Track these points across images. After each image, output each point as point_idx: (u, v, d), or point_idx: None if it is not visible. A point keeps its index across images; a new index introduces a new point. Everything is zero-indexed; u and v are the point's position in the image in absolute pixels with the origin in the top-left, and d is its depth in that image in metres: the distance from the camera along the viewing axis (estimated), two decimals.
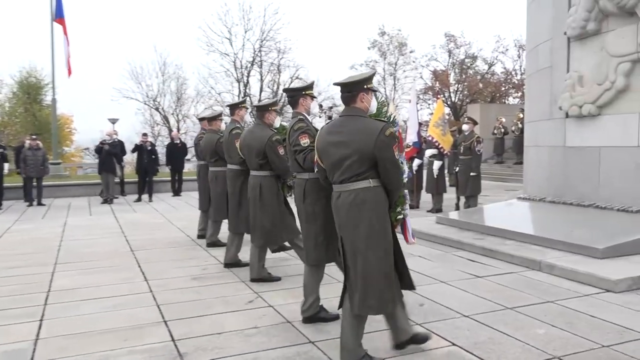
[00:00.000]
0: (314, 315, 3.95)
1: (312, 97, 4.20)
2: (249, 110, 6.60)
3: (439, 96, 32.32)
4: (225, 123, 6.94)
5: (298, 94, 4.14)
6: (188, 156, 18.08)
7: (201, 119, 8.41)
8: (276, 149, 4.80)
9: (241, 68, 36.83)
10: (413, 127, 10.57)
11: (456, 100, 34.83)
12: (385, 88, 39.05)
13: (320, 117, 35.68)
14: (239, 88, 37.19)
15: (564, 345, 3.46)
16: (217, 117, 7.21)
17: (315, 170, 3.44)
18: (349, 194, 3.02)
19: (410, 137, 10.53)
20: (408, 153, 10.28)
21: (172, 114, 38.47)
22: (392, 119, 3.30)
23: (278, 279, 5.23)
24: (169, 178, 15.11)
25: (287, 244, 5.65)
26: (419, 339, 3.41)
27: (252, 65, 37.06)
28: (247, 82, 37.27)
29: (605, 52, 6.88)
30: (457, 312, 4.16)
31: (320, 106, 34.78)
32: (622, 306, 4.27)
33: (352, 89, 3.10)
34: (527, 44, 9.38)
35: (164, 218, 10.22)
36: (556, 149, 7.84)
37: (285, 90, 4.41)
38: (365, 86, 3.12)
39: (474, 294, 4.65)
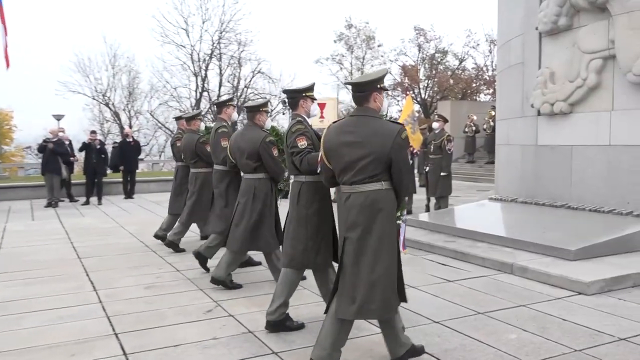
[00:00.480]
0: (279, 321, 3.98)
1: (313, 99, 4.31)
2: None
3: (408, 92, 32.69)
4: (205, 123, 6.98)
5: (298, 96, 4.25)
6: (141, 155, 17.79)
7: (178, 118, 8.51)
8: (270, 151, 4.85)
9: (199, 61, 36.47)
10: None
11: (426, 97, 35.36)
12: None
13: (284, 113, 35.68)
14: (197, 82, 36.84)
15: (536, 350, 3.55)
16: (195, 117, 7.24)
17: (318, 170, 3.51)
18: (360, 196, 3.10)
19: None
20: None
21: (124, 109, 37.78)
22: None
23: (239, 286, 5.22)
24: (121, 179, 14.82)
25: (253, 260, 5.90)
26: (417, 351, 3.45)
27: (211, 58, 36.75)
28: (205, 76, 36.94)
29: (576, 48, 7.10)
30: (427, 318, 4.22)
31: (284, 102, 34.77)
32: (594, 309, 4.42)
33: (365, 89, 3.19)
34: (498, 39, 9.61)
35: (114, 222, 10.03)
36: (528, 148, 8.05)
37: (284, 91, 4.53)
38: (378, 85, 3.22)
39: (444, 298, 4.73)
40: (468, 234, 6.99)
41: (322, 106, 13.52)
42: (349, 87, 3.22)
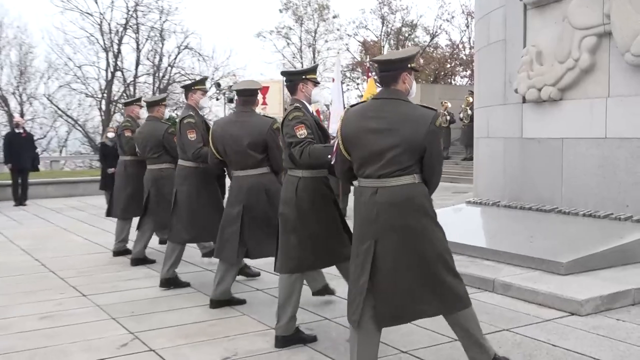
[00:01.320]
0: (291, 336, 4.29)
1: (315, 83, 4.53)
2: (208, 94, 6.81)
3: (370, 74, 32.93)
4: (171, 110, 7.02)
5: (297, 79, 4.48)
6: (38, 150, 17.27)
7: (128, 104, 8.61)
8: (278, 140, 4.88)
9: (110, 33, 35.74)
10: (337, 114, 10.51)
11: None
12: (301, 63, 39.41)
13: (218, 98, 35.41)
14: (107, 60, 36.11)
15: None
16: (160, 102, 7.26)
17: (332, 161, 3.67)
18: (391, 191, 3.30)
19: (334, 127, 10.43)
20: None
21: (13, 93, 36.62)
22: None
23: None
24: (9, 181, 14.36)
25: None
26: None
27: (125, 29, 36.08)
28: (119, 51, 36.28)
29: (567, 23, 7.32)
30: (394, 347, 4.26)
31: (218, 85, 34.49)
32: (588, 332, 4.56)
33: (394, 68, 3.39)
34: (476, 12, 9.84)
35: (1, 236, 9.74)
36: (512, 142, 8.25)
37: (283, 73, 4.75)
38: (409, 65, 3.43)
39: (414, 323, 4.79)
40: None
41: (263, 90, 13.48)
42: (375, 65, 3.44)
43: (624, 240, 6.18)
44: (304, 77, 4.49)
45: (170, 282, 6.03)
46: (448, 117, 19.84)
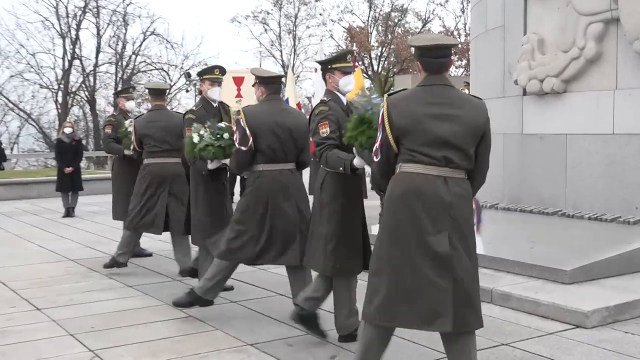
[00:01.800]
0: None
1: (345, 72, 4.66)
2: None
3: (356, 64, 32.86)
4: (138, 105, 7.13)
5: (324, 69, 4.73)
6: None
7: (118, 94, 8.85)
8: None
9: (67, 17, 35.45)
10: None
11: (380, 70, 35.82)
12: (280, 51, 39.38)
13: (188, 90, 35.25)
14: (64, 47, 35.80)
15: None
16: (163, 92, 7.54)
17: (377, 158, 3.66)
18: (458, 183, 3.51)
19: None
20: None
21: None
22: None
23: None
24: None
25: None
26: None
27: (84, 13, 35.80)
28: (77, 38, 35.97)
29: (571, 8, 7.37)
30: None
31: (188, 75, 34.31)
32: (594, 346, 4.60)
33: (449, 54, 3.62)
34: None
35: None
36: (511, 138, 8.30)
37: (318, 62, 5.09)
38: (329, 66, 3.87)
39: (403, 337, 4.80)
40: None
41: (239, 81, 13.45)
42: (426, 51, 3.54)
43: (633, 246, 6.22)
44: (329, 66, 4.66)
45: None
46: None
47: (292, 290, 5.13)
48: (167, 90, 7.33)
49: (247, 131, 4.92)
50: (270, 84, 5.20)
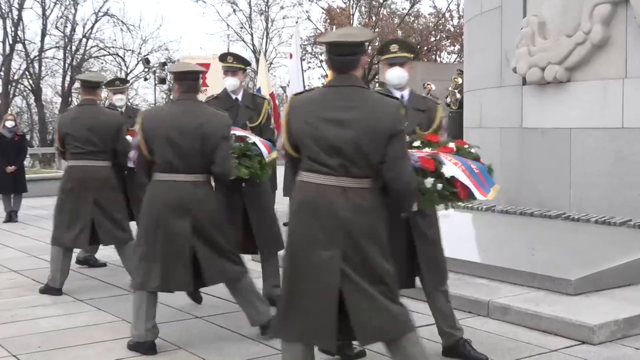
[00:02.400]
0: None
1: (390, 64, 4.71)
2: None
3: None
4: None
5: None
6: None
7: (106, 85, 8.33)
8: None
9: None
10: None
11: None
12: (251, 35, 39.30)
13: (146, 78, 35.06)
14: (5, 28, 35.47)
15: None
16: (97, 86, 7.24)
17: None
18: (356, 193, 3.60)
19: None
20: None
21: None
22: None
23: None
24: None
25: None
26: None
27: None
28: (20, 19, 35.63)
29: None
30: None
31: (147, 61, 34.16)
32: None
33: (358, 50, 3.68)
34: None
35: None
36: (509, 132, 8.33)
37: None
38: (365, 48, 3.79)
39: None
40: None
41: (204, 68, 13.40)
42: (330, 48, 3.68)
43: None
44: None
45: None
46: None
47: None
48: (101, 83, 7.16)
49: (140, 137, 5.05)
50: (183, 80, 5.18)
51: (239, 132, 5.63)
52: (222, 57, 6.33)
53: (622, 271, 6.07)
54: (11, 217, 12.21)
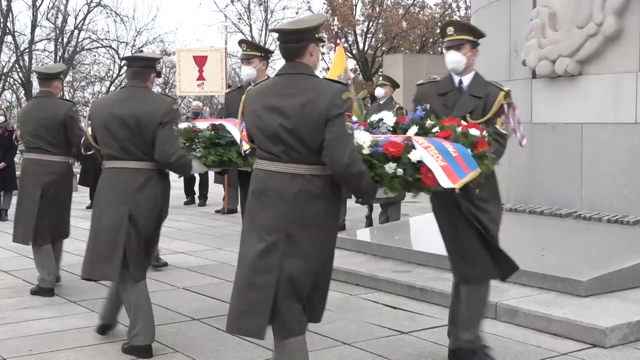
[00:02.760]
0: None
1: (447, 47, 4.82)
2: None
3: (338, 41, 32.68)
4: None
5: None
6: None
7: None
8: None
9: None
10: None
11: (366, 48, 35.83)
12: (250, 26, 39.29)
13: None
14: None
15: None
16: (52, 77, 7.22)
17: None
18: (289, 180, 3.79)
19: None
20: None
21: None
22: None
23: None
24: None
25: None
26: None
27: None
28: (9, 9, 35.51)
29: None
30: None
31: (141, 53, 34.09)
32: None
33: (302, 38, 3.83)
34: None
35: None
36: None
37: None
38: (316, 35, 3.91)
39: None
40: (430, 259, 7.14)
41: (200, 61, 13.40)
42: (279, 36, 3.92)
43: None
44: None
45: None
46: None
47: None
48: (57, 75, 7.15)
49: (86, 125, 5.32)
50: (129, 67, 5.34)
51: (217, 121, 5.69)
52: (238, 44, 6.40)
53: (636, 272, 6.09)
54: (0, 215, 12.22)
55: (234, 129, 5.38)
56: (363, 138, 4.03)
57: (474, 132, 4.24)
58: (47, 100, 7.00)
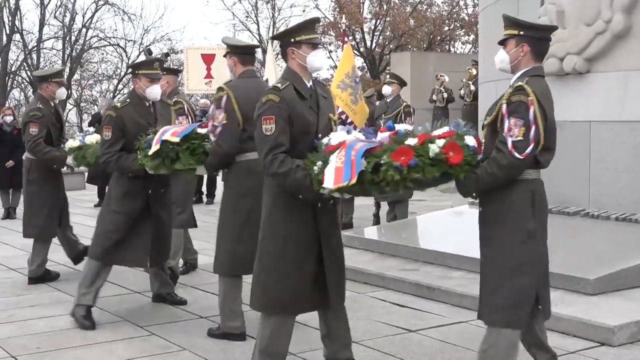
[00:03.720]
0: None
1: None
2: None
3: (346, 39, 32.63)
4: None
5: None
6: None
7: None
8: None
9: None
10: None
11: (374, 46, 35.82)
12: (257, 24, 39.30)
13: None
14: (2, 18, 35.42)
15: None
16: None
17: None
18: None
19: None
20: None
21: None
22: None
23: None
24: None
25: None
26: None
27: None
28: (17, 8, 35.62)
29: None
30: None
31: (149, 51, 34.11)
32: None
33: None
34: None
35: None
36: None
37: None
38: (292, 40, 4.26)
39: (402, 359, 4.83)
40: (437, 257, 7.15)
41: (209, 59, 13.42)
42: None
43: None
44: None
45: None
46: (445, 95, 19.79)
47: None
48: (46, 78, 7.33)
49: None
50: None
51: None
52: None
53: None
54: (9, 213, 12.25)
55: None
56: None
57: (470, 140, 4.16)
58: (32, 102, 7.86)
